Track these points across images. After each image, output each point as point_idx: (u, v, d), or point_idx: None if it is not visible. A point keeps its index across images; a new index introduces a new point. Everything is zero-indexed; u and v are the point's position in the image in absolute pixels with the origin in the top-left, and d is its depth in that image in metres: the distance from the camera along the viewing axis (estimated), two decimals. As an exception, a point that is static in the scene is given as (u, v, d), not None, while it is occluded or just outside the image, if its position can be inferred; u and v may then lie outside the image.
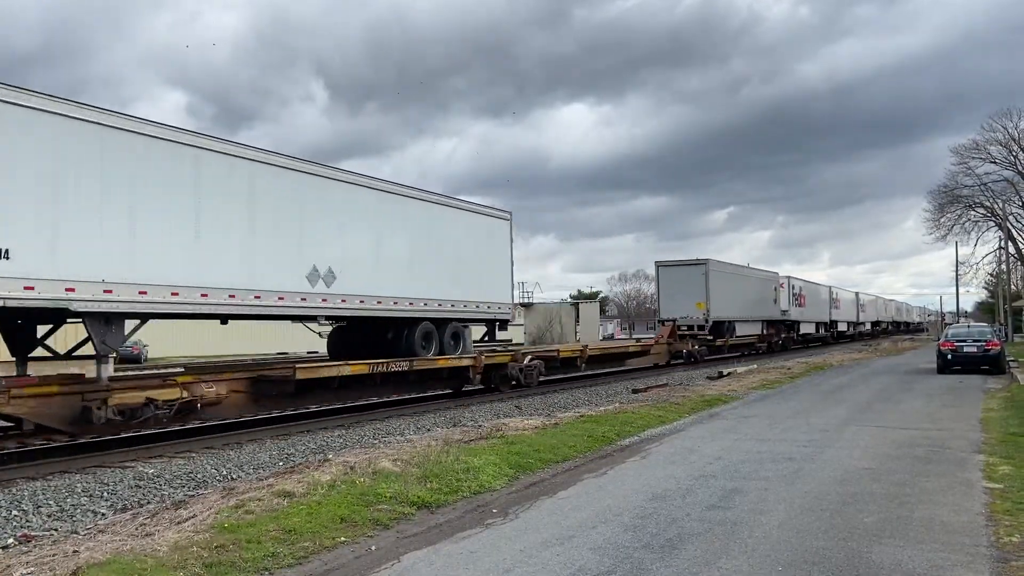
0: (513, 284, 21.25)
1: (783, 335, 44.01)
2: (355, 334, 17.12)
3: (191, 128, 13.83)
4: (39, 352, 12.09)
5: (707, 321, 32.87)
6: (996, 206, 57.15)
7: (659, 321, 33.57)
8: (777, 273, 44.01)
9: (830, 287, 55.70)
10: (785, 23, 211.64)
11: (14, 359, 12.03)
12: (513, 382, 19.67)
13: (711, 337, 33.30)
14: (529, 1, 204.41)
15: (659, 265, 34.71)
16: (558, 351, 22.36)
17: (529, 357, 20.37)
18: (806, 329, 49.00)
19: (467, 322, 19.17)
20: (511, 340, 21.55)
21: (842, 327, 58.92)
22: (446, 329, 18.00)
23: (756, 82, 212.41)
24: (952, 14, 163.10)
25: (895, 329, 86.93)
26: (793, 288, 45.06)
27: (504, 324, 20.89)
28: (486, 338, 20.91)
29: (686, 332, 32.04)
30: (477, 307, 19.13)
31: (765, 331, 40.98)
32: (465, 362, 18.12)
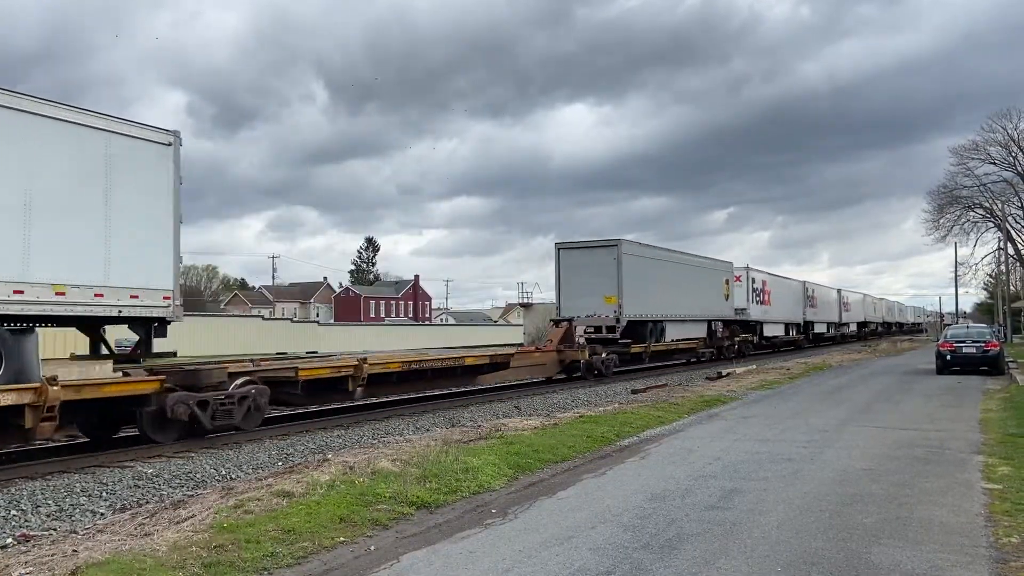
0: (179, 258, 12.39)
1: (738, 339, 36.10)
2: None
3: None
4: None
5: (619, 321, 24.81)
6: (995, 207, 57.37)
7: (552, 321, 25.64)
8: (731, 263, 36.13)
9: (804, 282, 48.97)
10: (786, 23, 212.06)
11: None
12: (195, 424, 11.25)
13: (626, 342, 25.42)
14: (530, 1, 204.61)
15: (559, 248, 26.05)
16: (296, 370, 13.19)
17: (241, 380, 12.22)
18: (772, 331, 41.62)
19: (35, 321, 10.66)
20: (175, 352, 13.25)
21: (820, 328, 52.16)
22: None
23: (757, 82, 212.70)
24: (952, 14, 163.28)
25: (886, 330, 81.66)
26: (754, 282, 37.95)
27: (163, 326, 12.27)
28: (139, 349, 12.43)
29: (592, 336, 24.77)
30: (70, 296, 10.60)
31: (719, 333, 33.81)
32: (8, 399, 9.21)
